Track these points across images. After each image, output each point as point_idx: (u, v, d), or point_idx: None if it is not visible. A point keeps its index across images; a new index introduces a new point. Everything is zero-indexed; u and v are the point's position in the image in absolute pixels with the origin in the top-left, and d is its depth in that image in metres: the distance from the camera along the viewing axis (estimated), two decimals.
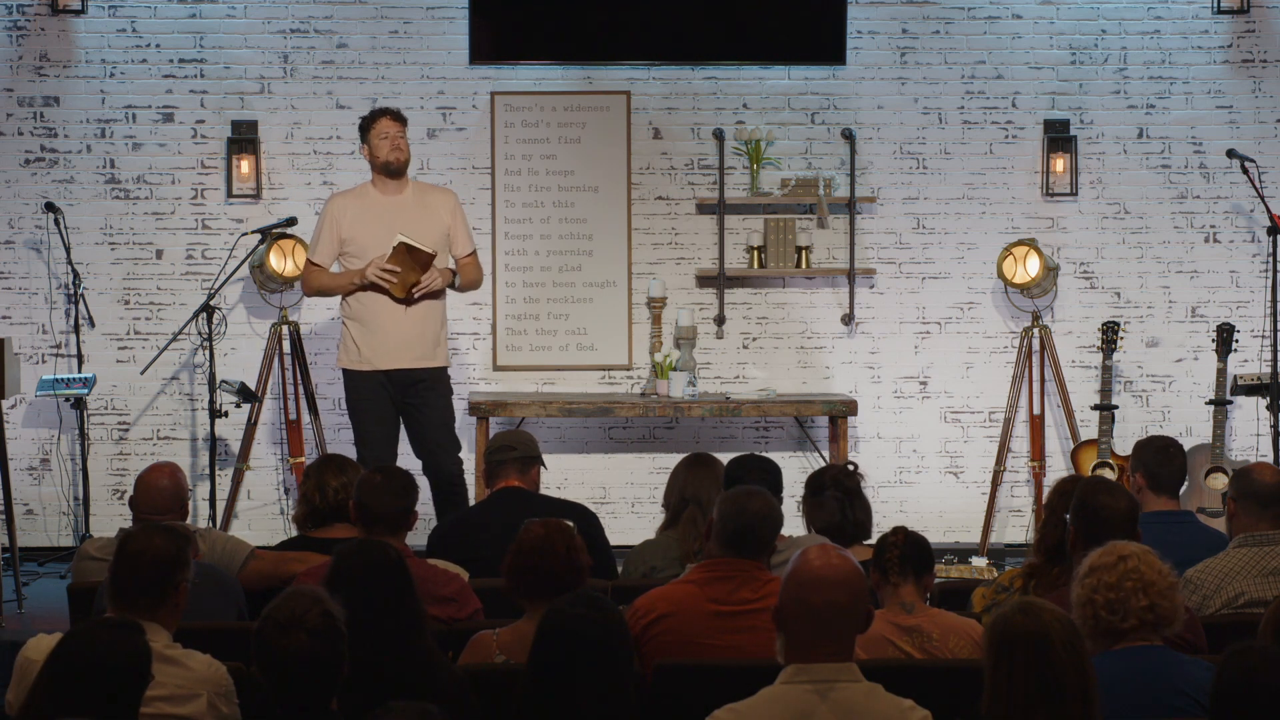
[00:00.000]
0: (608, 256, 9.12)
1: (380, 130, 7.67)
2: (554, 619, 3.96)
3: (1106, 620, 4.10)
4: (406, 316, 7.62)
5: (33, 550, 8.78)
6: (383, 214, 7.68)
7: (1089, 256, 9.28)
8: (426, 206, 7.75)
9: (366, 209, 7.71)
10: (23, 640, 4.46)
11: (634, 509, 9.20)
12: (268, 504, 9.13)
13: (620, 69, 9.18)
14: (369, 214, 7.69)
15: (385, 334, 7.63)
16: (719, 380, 9.22)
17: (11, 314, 9.05)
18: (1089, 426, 8.92)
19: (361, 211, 7.70)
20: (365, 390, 7.70)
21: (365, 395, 7.71)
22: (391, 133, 7.66)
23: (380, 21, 9.11)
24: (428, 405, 7.72)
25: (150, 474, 5.71)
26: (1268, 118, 9.26)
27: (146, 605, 4.26)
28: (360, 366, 7.69)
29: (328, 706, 3.86)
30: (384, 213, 7.69)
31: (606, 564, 6.07)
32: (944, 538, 9.14)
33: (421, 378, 7.70)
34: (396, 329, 7.63)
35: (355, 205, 7.73)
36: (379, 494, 5.37)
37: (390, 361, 7.64)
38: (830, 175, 9.17)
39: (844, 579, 3.77)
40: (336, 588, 4.16)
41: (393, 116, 7.71)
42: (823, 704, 3.70)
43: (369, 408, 7.71)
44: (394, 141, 7.66)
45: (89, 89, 9.03)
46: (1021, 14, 9.21)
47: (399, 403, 7.72)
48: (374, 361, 7.65)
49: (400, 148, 7.67)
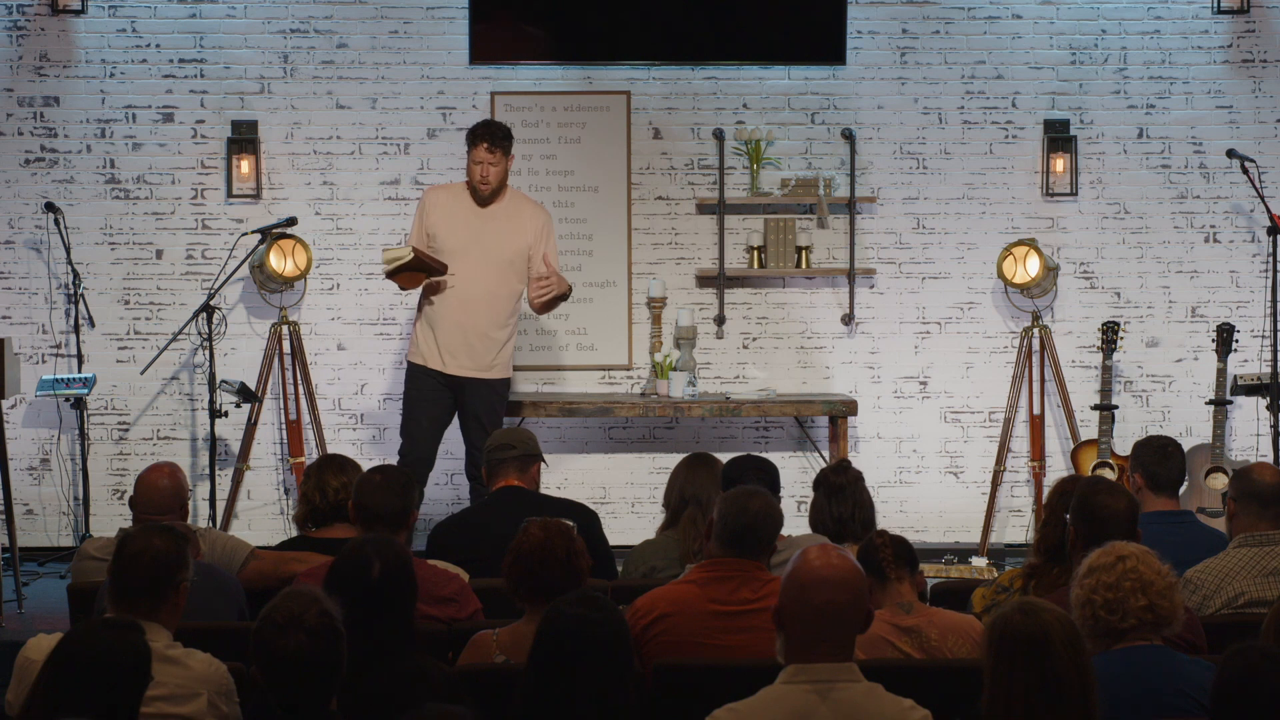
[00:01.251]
0: (608, 256, 9.12)
1: (474, 157, 7.87)
2: (554, 619, 3.96)
3: (1106, 620, 4.10)
4: (472, 322, 7.84)
5: (33, 550, 8.78)
6: (470, 219, 7.88)
7: (1089, 256, 9.28)
8: (514, 219, 7.91)
9: (456, 209, 7.90)
10: (23, 640, 4.46)
11: (634, 509, 9.20)
12: (268, 504, 9.13)
13: (620, 69, 9.18)
14: (456, 215, 7.89)
15: (447, 336, 7.86)
16: (719, 380, 9.22)
17: (11, 314, 9.05)
18: (1089, 426, 8.92)
19: (451, 211, 7.90)
20: (421, 385, 7.95)
21: (420, 390, 7.96)
22: (484, 159, 7.83)
23: (380, 21, 9.12)
24: (475, 410, 7.92)
25: (150, 474, 5.71)
26: (1268, 118, 9.26)
27: (146, 605, 4.26)
28: (416, 360, 7.94)
29: (327, 706, 3.86)
30: (471, 217, 7.89)
31: (607, 564, 6.07)
32: (944, 538, 9.15)
33: (474, 386, 7.91)
34: (456, 335, 7.85)
35: (447, 203, 7.94)
36: (378, 493, 5.37)
37: (445, 364, 7.88)
38: (830, 175, 9.17)
39: (844, 579, 3.77)
40: (332, 586, 4.17)
41: (489, 144, 7.84)
42: (823, 704, 3.70)
43: (420, 403, 7.96)
44: (483, 170, 7.84)
45: (89, 89, 9.03)
46: (1021, 14, 9.21)
47: (452, 402, 7.96)
48: (430, 360, 7.89)
49: (488, 178, 7.84)
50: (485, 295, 7.85)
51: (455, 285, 7.84)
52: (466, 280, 7.83)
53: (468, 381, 7.90)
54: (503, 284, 7.88)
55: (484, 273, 7.83)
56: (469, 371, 7.89)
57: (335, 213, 9.13)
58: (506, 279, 7.88)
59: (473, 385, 7.91)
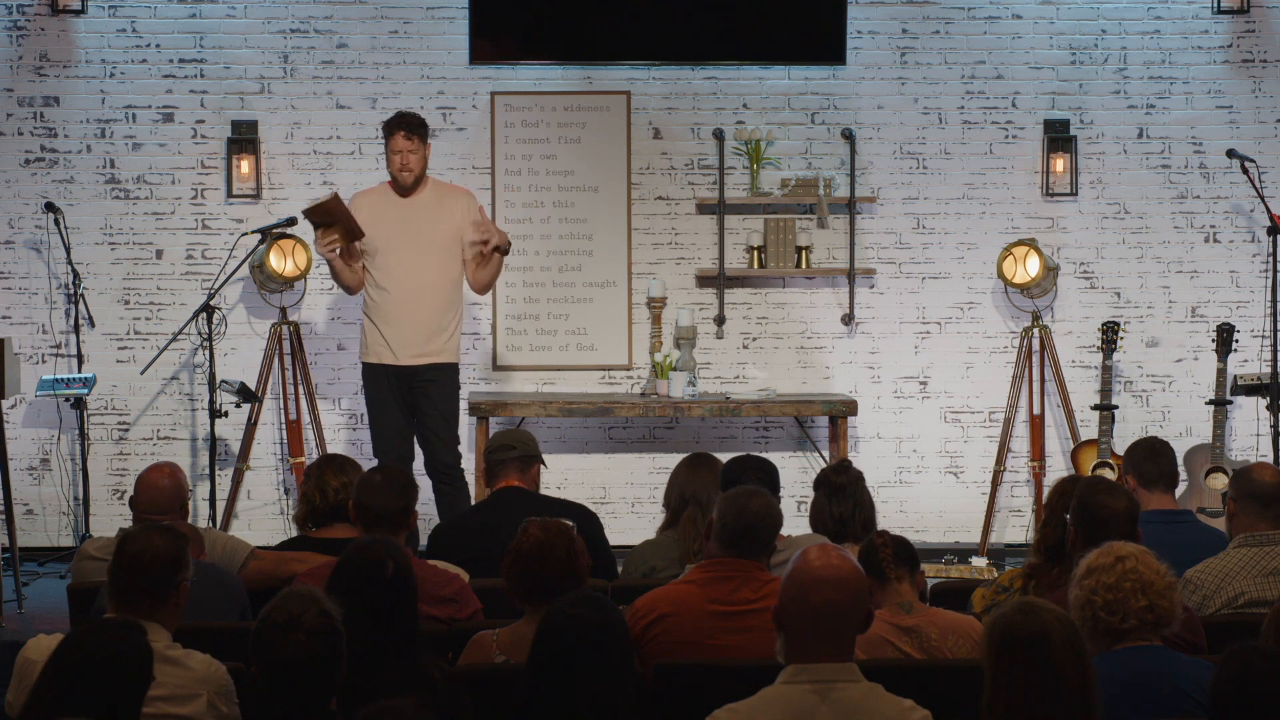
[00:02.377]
0: (608, 256, 9.11)
1: (393, 146, 7.82)
2: (554, 619, 3.96)
3: (1106, 621, 4.10)
4: (415, 312, 7.77)
5: (33, 550, 8.78)
6: (396, 211, 7.83)
7: (1089, 256, 9.28)
8: (440, 206, 7.86)
9: (382, 205, 7.85)
10: (23, 640, 4.46)
11: (634, 509, 9.20)
12: (268, 504, 9.13)
13: (620, 69, 9.18)
14: (383, 210, 7.83)
15: (393, 329, 7.80)
16: (719, 380, 9.22)
17: (11, 314, 9.05)
18: (1089, 426, 8.92)
19: (377, 208, 7.84)
20: (375, 383, 7.89)
21: (375, 388, 7.89)
22: (402, 148, 7.78)
23: (380, 21, 9.12)
24: (427, 398, 7.83)
25: (150, 474, 5.71)
26: (1268, 118, 9.26)
27: (147, 605, 4.26)
28: (371, 360, 7.88)
29: (327, 706, 3.86)
30: (398, 210, 7.83)
31: (607, 564, 6.07)
32: (944, 538, 9.15)
33: (427, 374, 7.83)
34: (404, 325, 7.79)
35: (372, 202, 7.88)
36: (378, 493, 5.37)
37: (396, 356, 7.81)
38: (830, 175, 9.17)
39: (844, 579, 3.77)
40: (337, 586, 4.17)
41: (406, 132, 7.78)
42: (823, 704, 3.70)
43: (377, 401, 7.89)
44: (403, 159, 7.78)
45: (89, 89, 9.03)
46: (1021, 14, 9.21)
47: (408, 396, 7.85)
48: (382, 356, 7.83)
49: (408, 165, 7.78)
50: (425, 283, 7.78)
51: (394, 277, 7.78)
52: (404, 271, 7.78)
53: (420, 370, 7.80)
54: (440, 269, 7.81)
55: (420, 261, 7.78)
56: (420, 359, 7.79)
57: None
58: (443, 264, 7.81)
59: (425, 373, 7.80)
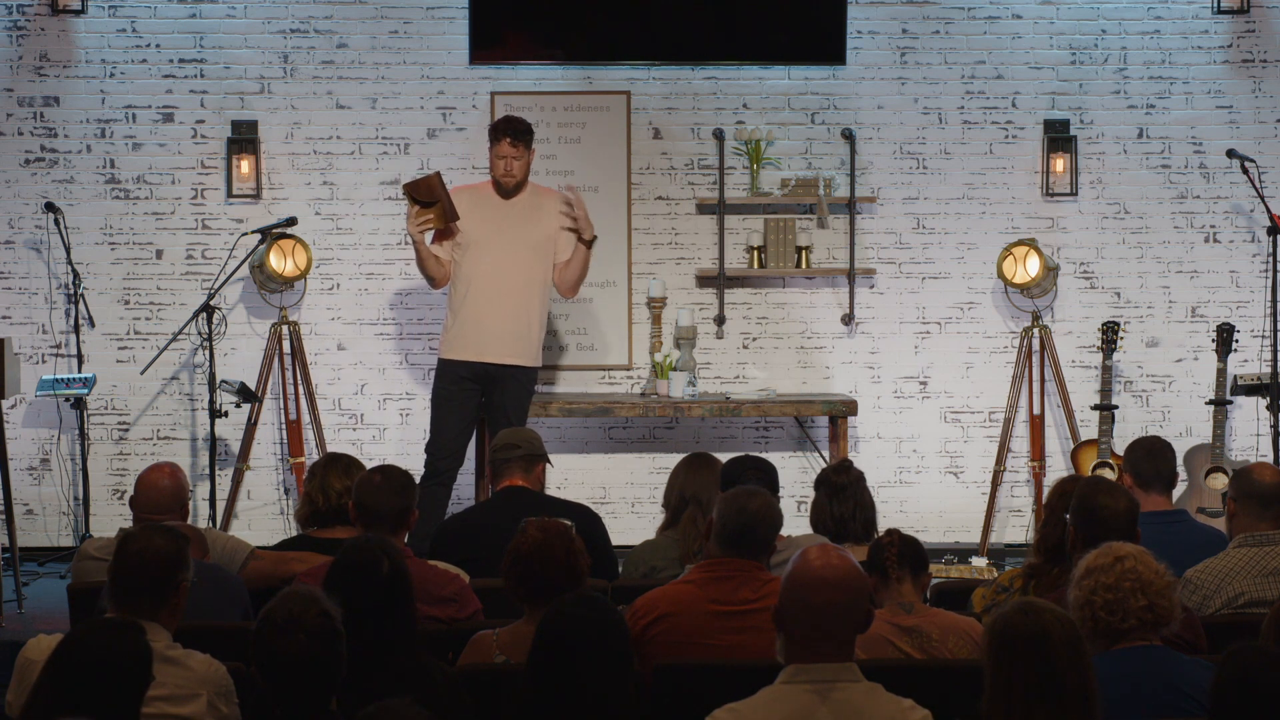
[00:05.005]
0: (608, 256, 9.11)
1: (498, 151, 7.91)
2: (554, 619, 3.96)
3: (1105, 621, 4.10)
4: (501, 310, 7.84)
5: (33, 550, 8.78)
6: (494, 210, 7.93)
7: (1089, 256, 9.28)
8: (538, 208, 7.96)
9: (481, 203, 7.95)
10: (23, 640, 4.47)
11: (634, 509, 9.20)
12: (268, 504, 9.13)
13: (620, 69, 9.18)
14: (482, 208, 7.93)
15: (475, 325, 7.86)
16: (719, 380, 9.22)
17: (11, 314, 9.05)
18: (1089, 426, 8.92)
19: (475, 205, 7.94)
20: (446, 379, 7.94)
21: (444, 383, 7.95)
22: (507, 154, 7.88)
23: (380, 21, 9.12)
24: (501, 396, 7.89)
25: (150, 474, 5.71)
26: (1268, 118, 9.26)
27: (147, 605, 4.26)
28: (446, 355, 7.94)
29: (327, 706, 3.86)
30: (495, 209, 7.93)
31: (607, 564, 6.07)
32: (944, 538, 9.15)
33: (505, 374, 7.89)
34: (487, 322, 7.86)
35: (471, 198, 7.98)
36: (378, 493, 5.36)
37: (485, 354, 7.87)
38: (830, 175, 9.17)
39: (844, 579, 3.77)
40: (333, 585, 4.17)
41: (512, 139, 7.88)
42: (823, 704, 3.70)
43: (443, 398, 7.94)
44: (507, 164, 7.89)
45: (89, 89, 9.04)
46: (1021, 14, 9.21)
47: (481, 394, 7.92)
48: (462, 352, 7.88)
49: (512, 171, 7.89)
50: (515, 281, 7.88)
51: (482, 274, 7.86)
52: (494, 269, 7.87)
53: (500, 370, 7.87)
54: (531, 269, 7.91)
55: (510, 261, 7.87)
56: (503, 358, 7.87)
57: (335, 213, 9.13)
58: (534, 264, 7.91)
59: (505, 374, 7.88)
